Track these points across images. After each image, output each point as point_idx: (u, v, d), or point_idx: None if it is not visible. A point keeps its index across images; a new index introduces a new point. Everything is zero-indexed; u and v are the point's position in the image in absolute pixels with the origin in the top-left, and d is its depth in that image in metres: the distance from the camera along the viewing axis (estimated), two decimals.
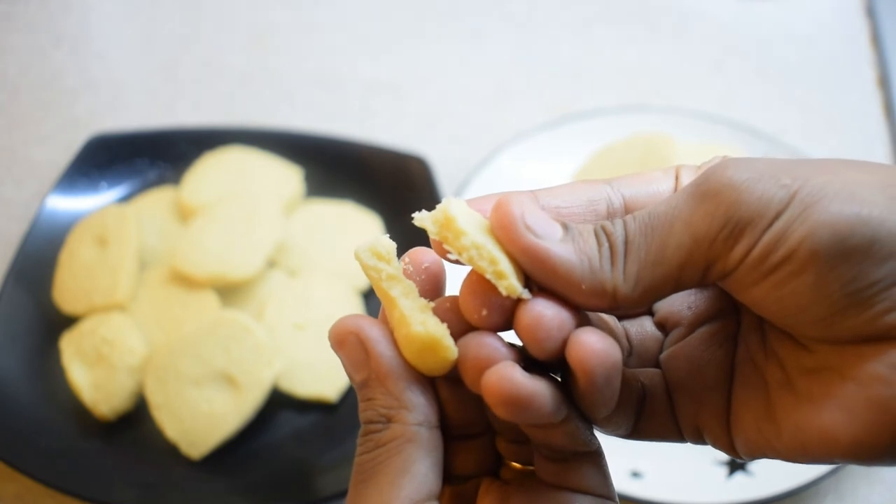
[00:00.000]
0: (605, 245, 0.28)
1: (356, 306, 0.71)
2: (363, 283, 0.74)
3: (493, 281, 0.27)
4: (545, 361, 0.29)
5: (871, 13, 1.01)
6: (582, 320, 0.29)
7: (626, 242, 0.27)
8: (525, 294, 0.27)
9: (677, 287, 0.28)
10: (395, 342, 0.29)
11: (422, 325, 0.28)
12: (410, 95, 0.94)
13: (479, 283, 0.28)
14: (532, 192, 0.30)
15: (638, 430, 0.32)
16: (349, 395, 0.68)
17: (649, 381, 0.32)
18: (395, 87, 0.94)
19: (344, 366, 0.30)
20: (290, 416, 0.67)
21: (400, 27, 1.01)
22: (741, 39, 0.99)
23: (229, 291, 0.71)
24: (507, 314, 0.28)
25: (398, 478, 0.28)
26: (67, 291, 0.72)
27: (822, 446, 0.27)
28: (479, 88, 0.94)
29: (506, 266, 0.27)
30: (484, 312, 0.28)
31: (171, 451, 0.64)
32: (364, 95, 0.94)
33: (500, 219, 0.28)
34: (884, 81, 0.94)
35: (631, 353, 0.34)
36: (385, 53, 0.98)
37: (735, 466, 0.61)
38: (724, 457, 0.62)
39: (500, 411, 0.27)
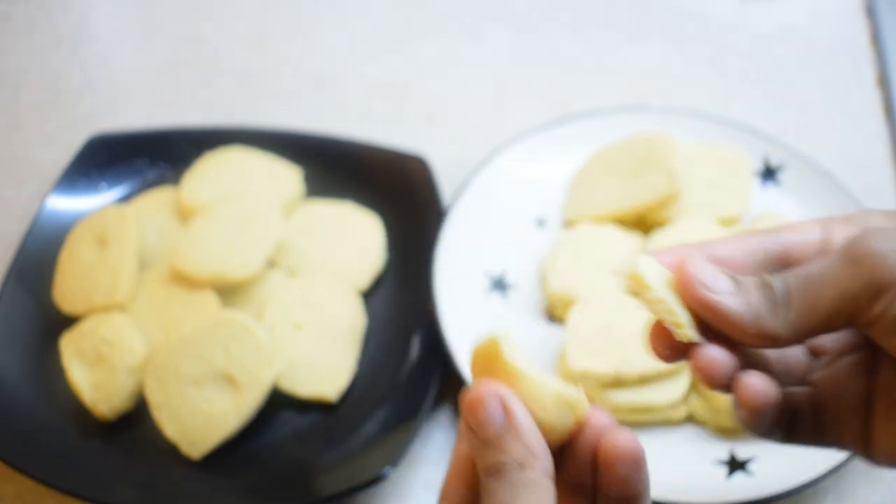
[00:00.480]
0: (769, 296, 0.34)
1: (356, 306, 0.71)
2: (363, 283, 0.74)
3: (672, 329, 0.35)
4: None
5: (871, 13, 1.01)
6: (747, 361, 0.36)
7: (787, 294, 0.34)
8: (697, 339, 0.35)
9: (826, 331, 0.34)
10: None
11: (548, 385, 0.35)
12: (410, 95, 0.94)
13: (661, 329, 0.36)
14: (703, 245, 0.37)
15: (790, 439, 0.39)
16: (349, 395, 0.68)
17: (799, 399, 0.39)
18: (394, 87, 0.94)
19: (478, 420, 0.33)
20: (290, 416, 0.67)
21: (400, 27, 1.01)
22: (741, 39, 0.99)
23: (229, 291, 0.71)
24: (683, 354, 0.36)
25: None
26: (67, 291, 0.72)
27: None
28: (479, 88, 0.94)
29: (683, 317, 0.35)
30: (666, 353, 0.36)
31: (171, 451, 0.64)
32: (364, 95, 0.94)
33: (681, 279, 0.35)
34: (884, 81, 0.94)
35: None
36: (385, 53, 0.98)
37: (735, 466, 0.61)
38: (724, 457, 0.62)
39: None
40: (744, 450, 0.62)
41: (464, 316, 0.68)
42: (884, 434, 0.36)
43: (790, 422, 0.38)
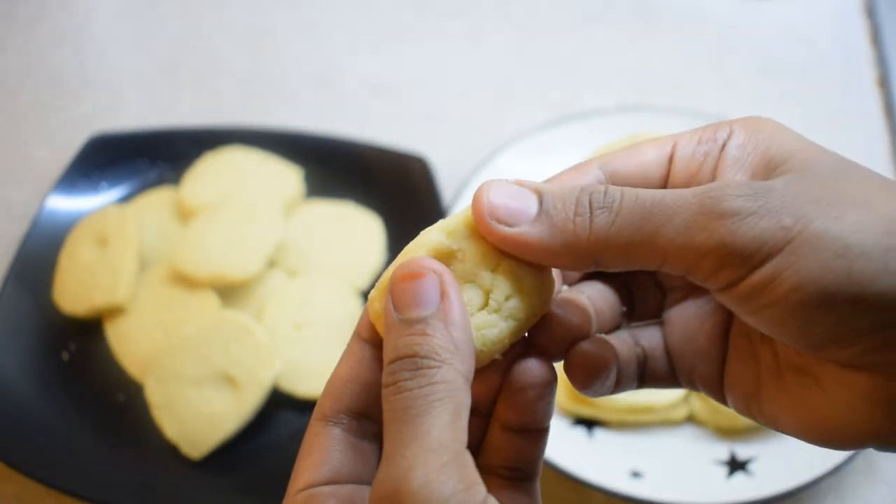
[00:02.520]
0: (586, 215, 0.30)
1: (356, 306, 0.71)
2: (363, 283, 0.74)
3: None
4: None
5: (871, 13, 1.01)
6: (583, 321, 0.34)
7: (618, 214, 0.29)
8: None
9: (657, 269, 0.30)
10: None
11: (484, 321, 0.31)
12: (410, 95, 0.94)
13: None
14: (536, 184, 0.32)
15: (643, 384, 0.36)
16: None
17: (648, 344, 0.36)
18: (395, 87, 0.94)
19: (403, 297, 0.29)
20: (290, 416, 0.67)
21: (400, 27, 1.01)
22: (741, 39, 0.99)
23: (229, 291, 0.71)
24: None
25: (455, 420, 0.28)
26: (67, 291, 0.72)
27: (794, 434, 0.32)
28: (479, 88, 0.94)
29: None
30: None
31: (171, 451, 0.64)
32: (364, 95, 0.94)
33: (475, 216, 0.31)
34: (884, 81, 0.94)
35: (633, 312, 0.37)
36: (385, 53, 0.98)
37: (735, 466, 0.61)
38: (724, 457, 0.62)
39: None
40: (744, 450, 0.62)
41: None
42: (736, 384, 0.34)
43: (641, 367, 0.36)
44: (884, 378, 0.28)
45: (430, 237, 0.32)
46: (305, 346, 0.68)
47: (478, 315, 0.31)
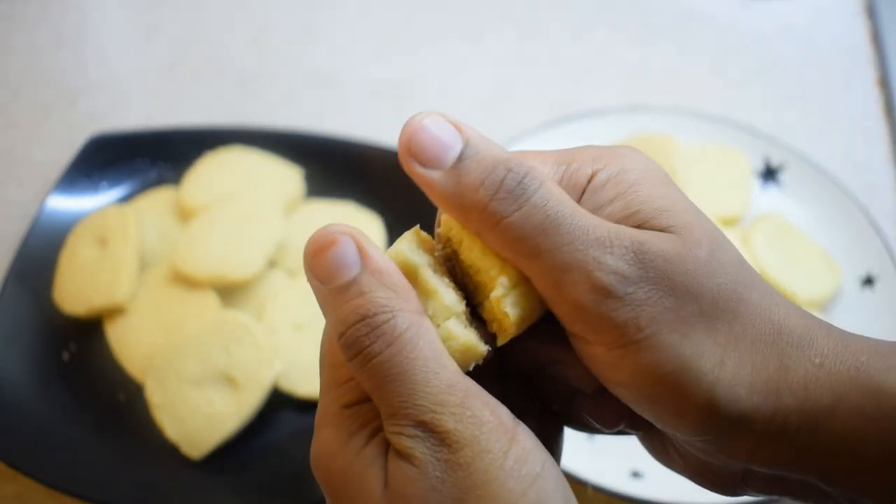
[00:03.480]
0: (492, 191, 0.28)
1: None
2: None
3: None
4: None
5: (871, 13, 1.01)
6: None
7: (520, 208, 0.28)
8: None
9: (526, 273, 0.30)
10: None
11: (458, 331, 0.30)
12: (410, 95, 0.94)
13: None
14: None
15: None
16: None
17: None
18: (395, 87, 0.94)
19: (325, 266, 0.29)
20: (290, 416, 0.67)
21: (400, 27, 1.01)
22: (741, 39, 0.99)
23: (229, 291, 0.71)
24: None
25: (437, 356, 0.28)
26: (68, 291, 0.72)
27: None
28: (480, 88, 0.94)
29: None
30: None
31: (171, 451, 0.64)
32: (365, 95, 0.94)
33: (398, 146, 0.29)
34: (884, 81, 0.94)
35: None
36: (385, 53, 0.98)
37: None
38: None
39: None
40: None
41: None
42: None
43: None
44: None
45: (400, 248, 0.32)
46: (305, 346, 0.68)
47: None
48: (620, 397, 0.30)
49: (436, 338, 0.29)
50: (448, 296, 0.30)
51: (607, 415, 0.34)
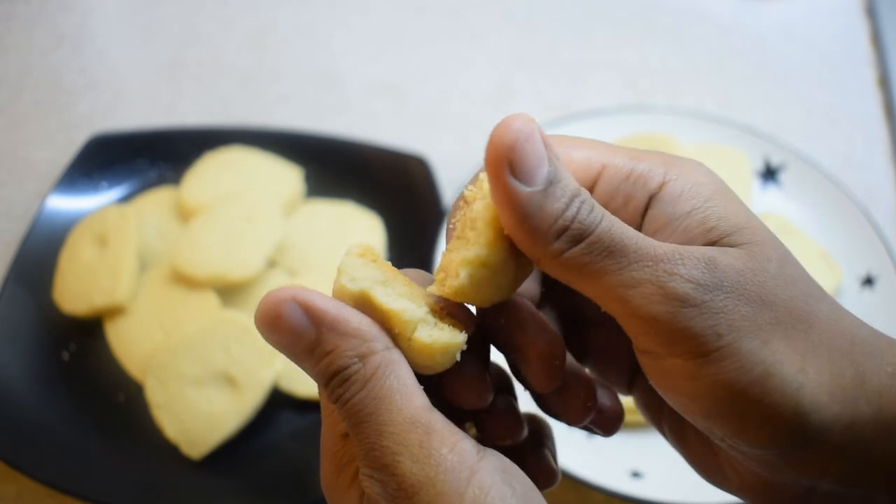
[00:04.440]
0: (567, 222, 0.28)
1: None
2: None
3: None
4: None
5: (871, 13, 1.01)
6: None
7: (586, 240, 0.28)
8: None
9: (592, 299, 0.30)
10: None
11: (430, 336, 0.30)
12: (410, 95, 0.94)
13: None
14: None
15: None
16: None
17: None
18: (395, 87, 0.94)
19: (282, 338, 0.30)
20: (290, 416, 0.67)
21: (400, 27, 1.01)
22: (741, 39, 0.99)
23: (229, 291, 0.71)
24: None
25: (405, 391, 0.29)
26: (68, 291, 0.72)
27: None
28: (480, 88, 0.94)
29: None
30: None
31: (171, 451, 0.64)
32: (364, 95, 0.94)
33: (493, 144, 0.28)
34: (884, 81, 0.94)
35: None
36: (385, 53, 0.98)
37: None
38: None
39: None
40: None
41: None
42: (645, 396, 0.37)
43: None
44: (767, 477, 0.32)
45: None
46: None
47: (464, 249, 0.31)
48: (691, 412, 0.30)
49: (404, 370, 0.29)
50: (407, 309, 0.30)
51: (572, 411, 0.35)
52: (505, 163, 0.28)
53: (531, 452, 0.36)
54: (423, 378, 0.31)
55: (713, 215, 0.30)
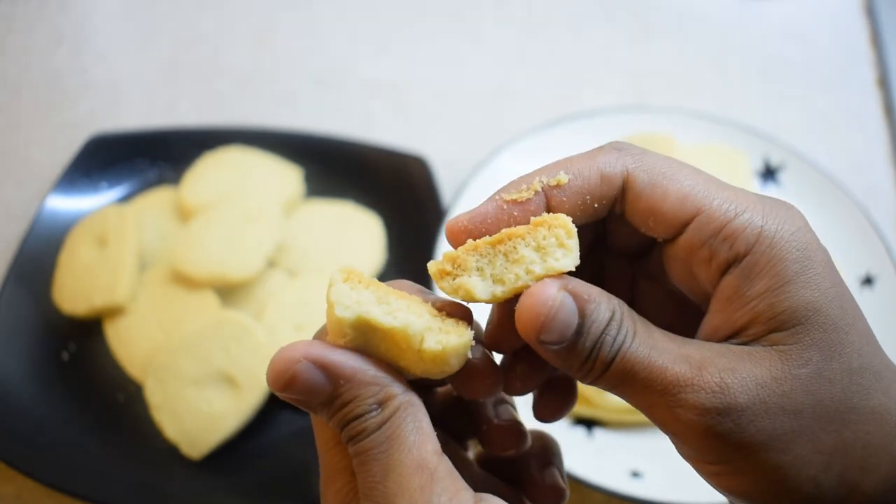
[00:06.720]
0: (593, 369, 0.31)
1: None
2: None
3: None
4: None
5: (871, 13, 1.01)
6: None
7: (610, 377, 0.32)
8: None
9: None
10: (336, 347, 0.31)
11: (439, 343, 0.31)
12: (410, 95, 0.94)
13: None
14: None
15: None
16: None
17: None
18: (395, 87, 0.94)
19: (300, 396, 0.30)
20: (290, 416, 0.67)
21: (400, 27, 1.01)
22: (741, 39, 0.99)
23: (229, 291, 0.71)
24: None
25: (420, 433, 0.30)
26: (67, 291, 0.72)
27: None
28: (479, 88, 0.94)
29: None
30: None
31: (171, 451, 0.64)
32: (364, 95, 0.94)
33: (523, 316, 0.30)
34: (884, 81, 0.94)
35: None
36: (385, 53, 0.98)
37: None
38: None
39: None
40: None
41: None
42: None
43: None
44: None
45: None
46: None
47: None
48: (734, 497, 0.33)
49: (421, 413, 0.30)
50: (410, 323, 0.30)
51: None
52: (535, 335, 0.30)
53: (538, 471, 0.37)
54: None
55: (782, 303, 0.30)
